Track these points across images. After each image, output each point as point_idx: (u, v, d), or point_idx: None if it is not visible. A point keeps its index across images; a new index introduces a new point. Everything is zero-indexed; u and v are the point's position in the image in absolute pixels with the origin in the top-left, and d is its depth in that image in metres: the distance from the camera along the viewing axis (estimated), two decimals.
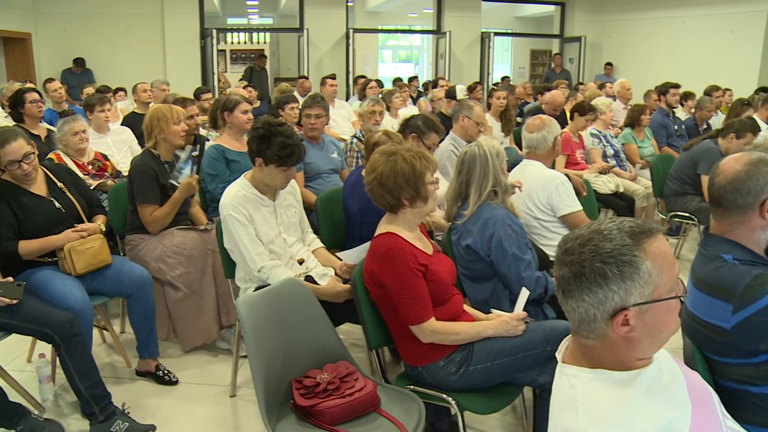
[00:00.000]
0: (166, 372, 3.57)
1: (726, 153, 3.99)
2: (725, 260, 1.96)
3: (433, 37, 15.45)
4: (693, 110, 7.94)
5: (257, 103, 8.46)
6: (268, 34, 16.64)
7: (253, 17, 19.86)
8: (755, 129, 5.24)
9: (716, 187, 2.05)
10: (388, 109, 7.30)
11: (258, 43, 16.11)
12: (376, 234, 2.59)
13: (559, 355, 1.50)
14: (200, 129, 5.51)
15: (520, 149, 4.72)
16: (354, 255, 3.14)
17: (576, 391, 1.37)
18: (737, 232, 2.01)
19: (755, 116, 6.51)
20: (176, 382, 3.56)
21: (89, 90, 8.32)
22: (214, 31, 12.62)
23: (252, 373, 2.36)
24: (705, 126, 7.54)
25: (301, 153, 3.18)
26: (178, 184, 3.83)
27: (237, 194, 3.18)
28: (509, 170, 3.40)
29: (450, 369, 2.53)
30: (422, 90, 11.62)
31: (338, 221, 3.88)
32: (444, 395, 2.51)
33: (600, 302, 1.34)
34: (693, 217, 5.34)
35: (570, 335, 1.48)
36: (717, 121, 7.62)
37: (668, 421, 1.34)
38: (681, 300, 1.39)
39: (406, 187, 2.52)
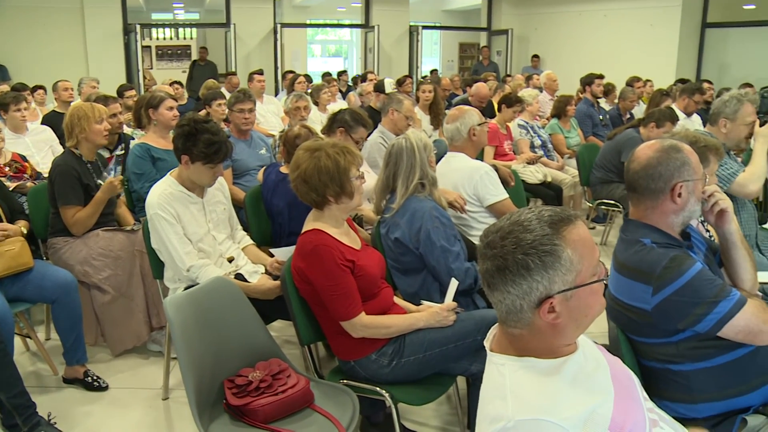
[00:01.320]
0: (95, 378, 3.48)
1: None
2: (644, 244, 2.02)
3: (362, 31, 15.44)
4: (617, 101, 8.17)
5: (184, 100, 8.31)
6: (194, 30, 16.33)
7: (179, 12, 19.46)
8: (674, 118, 5.43)
9: (631, 174, 2.12)
10: (316, 104, 7.28)
11: (185, 39, 15.78)
12: (303, 231, 2.58)
13: (487, 343, 1.52)
14: (125, 127, 5.38)
15: None
16: (288, 251, 3.12)
17: (505, 379, 1.39)
18: (653, 217, 2.08)
19: (674, 106, 6.75)
20: (106, 388, 3.47)
21: (4, 88, 7.97)
22: (138, 27, 12.31)
23: (182, 375, 2.32)
24: (628, 116, 7.77)
25: (228, 150, 3.14)
26: (100, 184, 3.74)
27: (163, 193, 3.12)
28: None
29: (382, 362, 2.54)
30: (351, 84, 11.61)
31: (267, 218, 3.85)
32: (377, 388, 2.52)
33: (525, 293, 1.36)
34: (618, 204, 5.50)
35: (497, 324, 1.51)
36: (639, 110, 7.85)
37: (592, 408, 1.37)
38: (604, 282, 1.43)
39: (330, 184, 2.52)
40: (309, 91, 7.66)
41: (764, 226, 4.08)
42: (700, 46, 12.34)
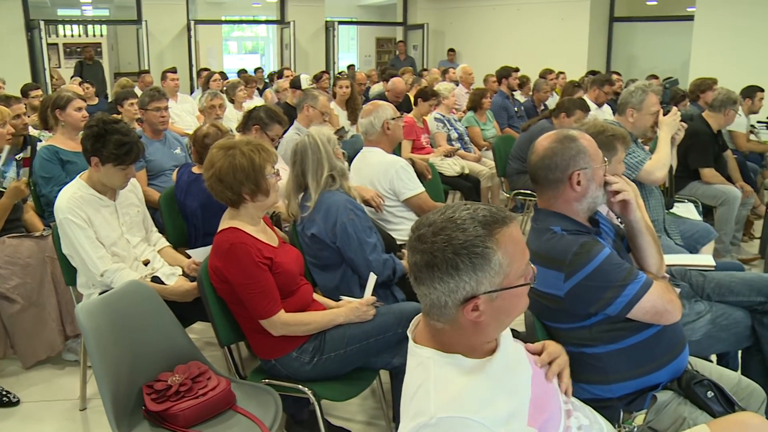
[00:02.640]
0: (4, 393, 3.33)
1: None
2: (554, 232, 2.09)
3: (278, 27, 15.31)
4: (531, 93, 8.36)
5: (95, 100, 8.05)
6: (104, 27, 15.81)
7: (87, 8, 18.79)
8: (583, 106, 5.60)
9: (531, 166, 2.19)
10: (232, 101, 7.18)
11: (94, 36, 15.25)
12: (219, 230, 2.55)
13: (410, 333, 1.53)
14: (30, 129, 5.16)
15: None
16: (205, 252, 3.07)
17: (429, 374, 1.40)
18: (558, 205, 2.15)
19: (585, 97, 6.96)
20: (17, 403, 3.32)
21: None
22: (42, 23, 11.82)
23: (97, 383, 2.26)
24: (543, 107, 7.97)
25: (139, 150, 3.06)
26: (4, 189, 3.59)
27: (73, 196, 3.01)
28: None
29: (303, 359, 2.53)
30: (268, 81, 11.50)
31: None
32: (299, 386, 2.52)
33: (451, 291, 1.37)
34: (534, 194, 5.61)
35: (421, 314, 1.52)
36: (553, 102, 8.05)
37: (513, 408, 1.42)
38: (531, 282, 1.47)
39: (246, 182, 2.49)
40: (224, 88, 7.54)
41: (671, 210, 4.26)
42: (608, 39, 12.73)
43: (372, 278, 2.69)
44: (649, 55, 12.69)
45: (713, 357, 3.02)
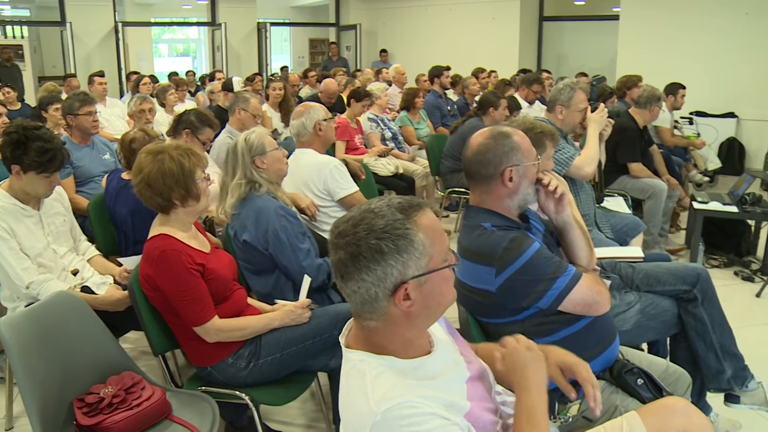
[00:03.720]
0: None
1: None
2: (485, 228, 2.11)
3: (209, 29, 15.10)
4: (463, 91, 8.45)
5: (17, 105, 7.78)
6: (25, 28, 15.26)
7: (4, 8, 18.08)
8: (498, 97, 5.76)
9: (465, 162, 2.21)
10: (163, 105, 7.05)
11: (14, 37, 14.69)
12: (149, 237, 2.49)
13: (342, 339, 1.52)
14: None
15: None
16: (137, 260, 3.00)
17: (365, 376, 1.40)
18: (490, 201, 2.18)
19: (516, 95, 7.08)
20: None
21: None
22: None
23: (23, 400, 2.18)
24: (475, 105, 8.06)
25: (63, 157, 2.97)
26: None
27: None
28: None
29: (240, 365, 2.50)
30: (200, 84, 11.32)
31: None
32: (236, 392, 2.49)
33: (380, 279, 1.37)
34: (468, 191, 5.68)
35: (353, 318, 1.51)
36: None
37: (448, 402, 1.41)
38: (453, 269, 1.47)
39: (175, 187, 2.44)
40: (155, 92, 7.39)
41: (601, 204, 4.36)
42: (539, 38, 12.95)
43: (306, 281, 2.68)
44: (578, 54, 12.95)
45: (644, 345, 3.11)
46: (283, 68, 12.86)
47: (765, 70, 8.16)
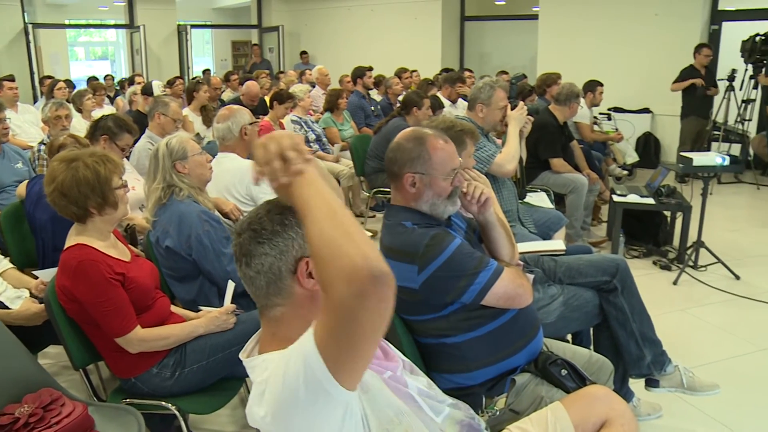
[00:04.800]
0: None
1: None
2: (405, 226, 2.13)
3: (127, 32, 14.73)
4: (387, 91, 8.49)
5: None
6: None
7: None
8: (421, 97, 5.83)
9: (385, 159, 2.23)
10: (80, 111, 6.84)
11: None
12: (65, 247, 2.41)
13: (244, 354, 1.49)
14: None
15: None
16: (53, 272, 2.90)
17: (270, 366, 1.37)
18: (407, 199, 2.19)
19: (439, 94, 7.15)
20: None
21: None
22: None
23: None
24: (399, 105, 8.10)
25: None
26: None
27: None
28: None
29: (165, 374, 2.45)
30: (119, 88, 11.03)
31: (29, 237, 3.54)
32: (162, 402, 2.44)
33: (282, 252, 1.39)
34: None
35: (257, 333, 1.49)
36: None
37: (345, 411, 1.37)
38: None
39: (91, 195, 2.37)
40: (71, 97, 7.16)
41: (524, 200, 4.45)
42: (461, 37, 13.10)
43: (231, 286, 2.65)
44: (499, 53, 13.17)
45: (569, 336, 3.18)
46: (206, 71, 12.65)
47: (674, 68, 8.49)
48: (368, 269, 1.10)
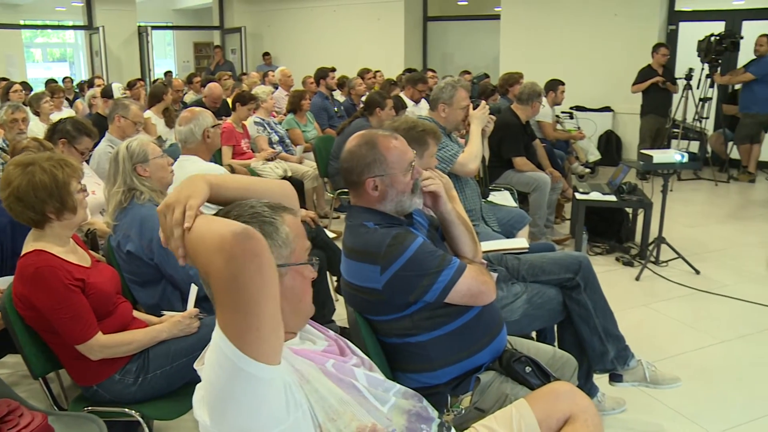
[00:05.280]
0: None
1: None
2: (367, 227, 2.12)
3: (86, 33, 14.50)
4: (350, 92, 8.48)
5: None
6: None
7: None
8: (384, 97, 5.86)
9: (340, 165, 2.23)
10: (37, 114, 6.72)
11: None
12: (23, 253, 2.36)
13: (199, 363, 1.46)
14: None
15: None
16: (8, 279, 2.84)
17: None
18: (371, 202, 2.19)
19: (402, 94, 7.16)
20: None
21: None
22: None
23: None
24: (362, 106, 8.10)
25: None
26: None
27: None
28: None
29: (127, 381, 2.42)
30: (78, 90, 10.85)
31: None
32: (126, 409, 2.40)
33: None
34: None
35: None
36: None
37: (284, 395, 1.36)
38: (313, 265, 1.52)
39: (49, 200, 2.32)
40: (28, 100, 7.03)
41: (488, 199, 4.48)
42: (423, 38, 13.14)
43: (193, 290, 2.62)
44: (462, 53, 13.23)
45: (534, 334, 3.21)
46: (167, 73, 12.53)
47: (634, 66, 8.64)
48: (230, 232, 1.21)
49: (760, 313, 4.33)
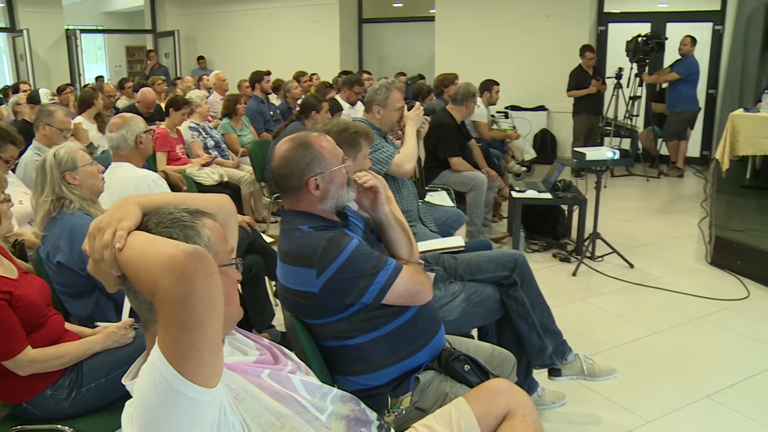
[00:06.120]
0: None
1: None
2: (302, 231, 2.11)
3: (9, 36, 14.04)
4: (286, 95, 8.43)
5: None
6: None
7: None
8: (319, 100, 5.87)
9: (272, 172, 2.21)
10: None
11: None
12: None
13: (127, 378, 1.42)
14: None
15: None
16: None
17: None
18: (302, 206, 2.17)
19: (338, 97, 7.15)
20: None
21: None
22: None
23: None
24: (298, 109, 8.06)
25: None
26: None
27: None
28: None
29: (60, 396, 2.34)
30: (2, 96, 10.48)
31: None
32: (58, 426, 2.33)
33: None
34: None
35: (143, 353, 1.43)
36: None
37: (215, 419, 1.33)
38: (237, 267, 1.51)
39: None
40: None
41: (425, 199, 4.50)
42: (359, 40, 13.17)
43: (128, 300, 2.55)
44: (398, 54, 13.29)
45: (474, 332, 3.24)
46: (99, 78, 12.22)
47: (566, 66, 8.83)
48: (182, 252, 1.21)
49: (691, 304, 4.48)
